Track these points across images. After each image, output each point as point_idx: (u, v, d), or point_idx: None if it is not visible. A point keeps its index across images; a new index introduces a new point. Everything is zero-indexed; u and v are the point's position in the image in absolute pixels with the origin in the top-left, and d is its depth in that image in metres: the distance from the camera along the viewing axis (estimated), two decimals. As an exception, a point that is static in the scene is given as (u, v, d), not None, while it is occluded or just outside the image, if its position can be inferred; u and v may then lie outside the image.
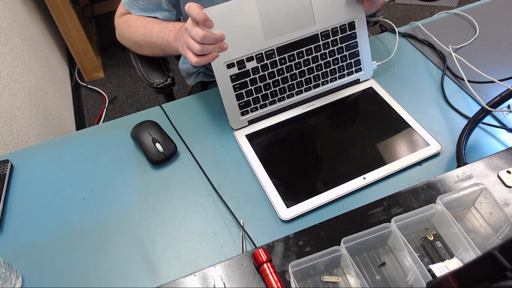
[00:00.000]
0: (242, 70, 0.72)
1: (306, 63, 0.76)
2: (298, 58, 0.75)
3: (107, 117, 1.98)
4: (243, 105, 0.75)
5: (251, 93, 0.74)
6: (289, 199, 0.65)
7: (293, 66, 0.75)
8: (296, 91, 0.78)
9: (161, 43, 0.79)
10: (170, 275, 0.59)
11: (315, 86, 0.79)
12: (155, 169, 0.72)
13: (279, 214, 0.64)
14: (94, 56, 2.05)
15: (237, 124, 0.76)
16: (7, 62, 1.29)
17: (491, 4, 0.99)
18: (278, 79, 0.75)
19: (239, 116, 0.75)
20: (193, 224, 0.64)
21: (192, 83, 1.19)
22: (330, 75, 0.79)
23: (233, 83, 0.72)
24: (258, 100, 0.76)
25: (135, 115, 0.81)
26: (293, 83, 0.77)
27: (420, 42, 0.91)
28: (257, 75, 0.73)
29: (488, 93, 0.78)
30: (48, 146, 0.78)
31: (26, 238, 0.65)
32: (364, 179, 0.67)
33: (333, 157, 0.71)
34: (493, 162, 0.62)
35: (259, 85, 0.74)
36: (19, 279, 0.59)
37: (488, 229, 0.56)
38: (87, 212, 0.67)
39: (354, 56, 0.80)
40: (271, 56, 0.73)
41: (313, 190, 0.66)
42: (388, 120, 0.76)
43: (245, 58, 0.71)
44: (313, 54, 0.76)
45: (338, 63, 0.79)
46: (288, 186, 0.67)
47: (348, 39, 0.78)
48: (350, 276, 0.52)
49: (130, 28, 0.86)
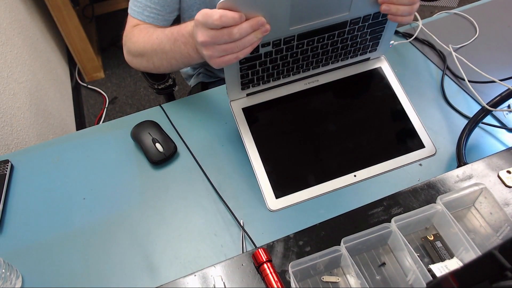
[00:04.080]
0: (254, 55, 0.65)
1: (323, 47, 0.70)
2: (317, 43, 0.68)
3: (107, 117, 1.98)
4: (246, 82, 0.70)
5: (258, 73, 0.69)
6: (279, 189, 0.65)
7: (309, 50, 0.69)
8: (303, 69, 0.73)
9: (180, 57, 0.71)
10: (170, 275, 0.59)
11: (324, 64, 0.74)
12: (155, 169, 0.72)
13: (268, 204, 0.64)
14: (94, 56, 2.05)
15: (235, 96, 0.72)
16: (7, 62, 1.29)
17: (491, 4, 0.99)
18: (289, 61, 0.69)
19: (239, 89, 0.71)
20: (193, 224, 0.64)
21: (192, 83, 1.19)
22: (343, 55, 0.74)
23: (241, 65, 0.66)
24: (262, 78, 0.71)
25: (135, 115, 0.81)
26: (303, 63, 0.71)
27: (420, 42, 0.91)
28: (269, 58, 0.67)
29: (488, 93, 0.78)
30: (48, 146, 0.78)
31: (26, 238, 0.65)
32: (354, 177, 0.67)
33: (328, 146, 0.70)
34: (493, 162, 0.62)
35: (267, 66, 0.69)
36: (19, 279, 0.59)
37: (488, 229, 0.56)
38: (87, 212, 0.67)
39: (375, 39, 0.73)
40: (290, 42, 0.65)
41: (304, 183, 0.66)
42: (389, 111, 0.73)
43: (261, 44, 0.63)
44: (334, 39, 0.69)
45: (356, 46, 0.73)
46: (280, 175, 0.66)
47: (377, 25, 0.70)
48: (350, 276, 0.52)
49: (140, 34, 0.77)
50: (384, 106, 0.74)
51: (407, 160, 0.69)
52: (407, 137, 0.71)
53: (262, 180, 0.66)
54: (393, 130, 0.72)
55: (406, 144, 0.71)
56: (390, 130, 0.72)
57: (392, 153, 0.69)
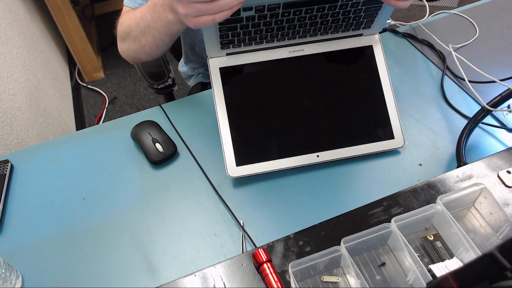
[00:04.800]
0: (234, 17, 0.61)
1: (312, 18, 0.65)
2: (305, 13, 0.64)
3: (107, 117, 1.98)
4: (225, 43, 0.66)
5: (238, 35, 0.65)
6: (241, 157, 0.66)
7: (296, 19, 0.64)
8: (289, 36, 0.68)
9: (160, 24, 0.68)
10: (170, 275, 0.59)
11: (312, 35, 0.70)
12: (155, 169, 0.72)
13: (227, 171, 0.65)
14: (94, 56, 2.05)
15: (214, 53, 0.68)
16: (7, 62, 1.29)
17: (491, 4, 0.99)
18: (273, 27, 0.65)
19: (218, 47, 0.67)
20: (193, 224, 0.64)
21: (192, 83, 1.19)
22: (333, 28, 0.69)
23: (220, 25, 0.62)
24: (244, 40, 0.67)
25: (135, 115, 0.81)
26: (288, 31, 0.67)
27: (420, 42, 0.91)
28: (251, 22, 0.63)
29: (488, 93, 0.78)
30: (48, 146, 0.78)
31: (26, 238, 0.65)
32: (317, 157, 0.67)
33: (298, 122, 0.69)
34: (493, 162, 0.62)
35: (249, 30, 0.64)
36: (19, 279, 0.59)
37: (488, 229, 0.56)
38: (87, 212, 0.67)
39: (369, 17, 0.68)
40: (275, 9, 0.61)
41: (266, 155, 0.66)
42: (368, 96, 0.71)
43: (242, 8, 0.59)
44: (324, 12, 0.64)
45: (348, 21, 0.68)
46: (244, 143, 0.66)
47: (373, 3, 0.65)
48: (350, 276, 0.52)
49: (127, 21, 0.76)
50: (364, 89, 0.71)
51: (373, 148, 0.69)
52: (379, 125, 0.70)
53: (226, 145, 0.66)
54: (367, 116, 0.71)
55: (376, 132, 0.70)
56: (364, 115, 0.71)
57: (359, 140, 0.69)
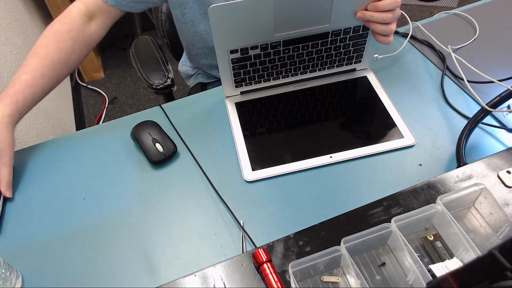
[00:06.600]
0: (244, 56, 0.74)
1: (309, 54, 0.78)
2: (302, 50, 0.76)
3: (107, 117, 1.98)
4: (239, 81, 0.79)
5: (249, 72, 0.78)
6: (256, 163, 0.70)
7: (295, 55, 0.77)
8: (291, 73, 0.81)
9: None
10: (170, 275, 0.59)
11: (311, 71, 0.82)
12: (155, 169, 0.72)
13: (244, 175, 0.69)
14: (94, 56, 2.05)
15: (229, 92, 0.81)
16: (7, 62, 1.29)
17: (491, 4, 0.99)
18: (277, 64, 0.78)
19: (232, 86, 0.80)
20: (193, 224, 0.64)
21: (191, 84, 1.19)
22: (329, 64, 0.81)
23: (233, 64, 0.75)
24: (254, 78, 0.79)
25: (135, 115, 0.81)
26: (290, 68, 0.80)
27: (420, 42, 0.91)
28: (258, 60, 0.76)
29: (488, 93, 0.78)
30: (48, 146, 0.78)
31: (26, 238, 0.65)
32: (330, 158, 0.70)
33: (308, 132, 0.75)
34: (493, 162, 0.62)
35: (257, 67, 0.77)
36: (19, 279, 0.59)
37: (488, 229, 0.56)
38: (87, 212, 0.67)
39: (358, 51, 0.80)
40: (276, 46, 0.74)
41: (280, 159, 0.71)
42: (371, 109, 0.78)
43: (250, 46, 0.73)
44: (318, 48, 0.77)
45: (340, 56, 0.80)
46: (259, 153, 0.72)
47: (358, 38, 0.77)
48: (350, 276, 0.52)
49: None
50: (366, 105, 0.79)
51: (385, 147, 0.71)
52: (387, 129, 0.75)
53: (242, 154, 0.72)
54: (374, 123, 0.76)
55: (386, 134, 0.74)
56: (371, 123, 0.76)
57: (371, 141, 0.73)
